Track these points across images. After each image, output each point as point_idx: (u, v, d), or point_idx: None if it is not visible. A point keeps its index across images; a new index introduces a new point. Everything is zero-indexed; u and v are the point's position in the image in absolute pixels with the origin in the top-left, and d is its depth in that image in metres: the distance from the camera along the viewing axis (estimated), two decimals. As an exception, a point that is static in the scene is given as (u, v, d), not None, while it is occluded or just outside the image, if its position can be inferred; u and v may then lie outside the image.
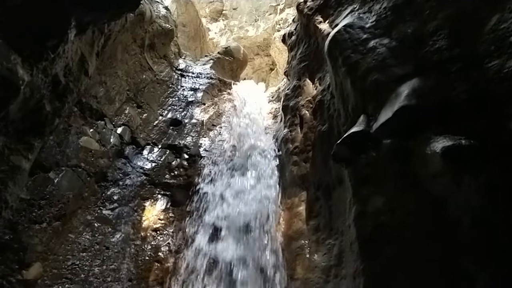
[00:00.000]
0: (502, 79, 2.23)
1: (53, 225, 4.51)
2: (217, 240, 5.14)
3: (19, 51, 2.86)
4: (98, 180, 5.39)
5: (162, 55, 7.85)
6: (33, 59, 2.96)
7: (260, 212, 5.12)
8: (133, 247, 5.12)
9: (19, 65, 2.85)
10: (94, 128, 5.52)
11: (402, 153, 2.72)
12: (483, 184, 2.15)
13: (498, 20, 2.32)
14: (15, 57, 2.84)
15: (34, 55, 2.96)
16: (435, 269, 2.36)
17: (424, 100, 2.62)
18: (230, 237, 5.08)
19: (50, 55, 3.15)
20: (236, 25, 15.89)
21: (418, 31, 2.98)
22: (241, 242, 4.98)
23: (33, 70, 2.96)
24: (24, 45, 2.89)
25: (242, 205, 5.40)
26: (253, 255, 4.77)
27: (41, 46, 3.07)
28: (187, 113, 7.23)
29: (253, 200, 5.38)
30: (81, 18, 3.47)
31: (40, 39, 3.04)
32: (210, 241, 5.17)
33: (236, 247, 4.94)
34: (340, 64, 3.62)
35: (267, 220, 5.03)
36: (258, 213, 5.13)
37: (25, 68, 2.87)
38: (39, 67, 3.04)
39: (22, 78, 2.87)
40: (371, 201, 2.92)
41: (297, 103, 5.51)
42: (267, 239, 4.86)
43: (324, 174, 4.28)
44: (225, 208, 5.46)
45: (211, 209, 5.55)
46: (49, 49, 3.12)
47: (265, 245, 4.82)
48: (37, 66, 3.01)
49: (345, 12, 4.10)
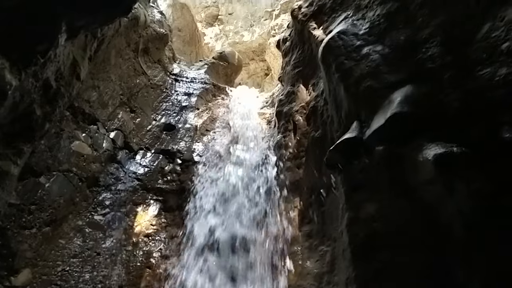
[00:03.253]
0: (494, 86, 2.23)
1: (43, 231, 4.45)
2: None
3: (7, 55, 2.83)
4: (90, 185, 5.33)
5: (156, 60, 7.83)
6: (22, 63, 2.92)
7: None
8: (125, 253, 5.06)
9: (6, 69, 2.81)
10: (87, 132, 5.47)
11: (394, 160, 2.72)
12: (475, 191, 2.14)
13: (490, 29, 2.33)
14: (2, 62, 2.81)
15: (23, 60, 2.93)
16: (426, 276, 2.36)
17: (416, 107, 2.63)
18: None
19: (40, 59, 3.11)
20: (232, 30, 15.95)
21: (411, 38, 3.00)
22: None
23: (21, 75, 2.92)
24: (12, 49, 2.86)
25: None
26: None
27: (31, 50, 3.03)
28: (180, 118, 7.21)
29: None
30: (72, 22, 3.43)
31: (30, 43, 3.01)
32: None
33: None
34: (334, 70, 3.62)
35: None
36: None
37: (13, 73, 2.83)
38: (28, 71, 3.01)
39: (10, 83, 2.84)
40: (364, 208, 2.92)
41: (291, 109, 5.51)
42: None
43: (317, 180, 4.27)
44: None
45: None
46: (39, 53, 3.08)
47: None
48: (26, 70, 2.97)
49: (339, 19, 4.11)
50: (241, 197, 5.54)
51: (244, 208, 5.36)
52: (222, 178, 5.99)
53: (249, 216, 5.23)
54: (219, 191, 5.74)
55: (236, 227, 5.18)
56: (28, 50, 3.01)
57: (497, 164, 2.14)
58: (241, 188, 5.70)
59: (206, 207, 5.57)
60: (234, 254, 4.92)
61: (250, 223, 5.15)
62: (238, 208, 5.40)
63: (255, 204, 5.34)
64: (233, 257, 4.88)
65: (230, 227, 5.21)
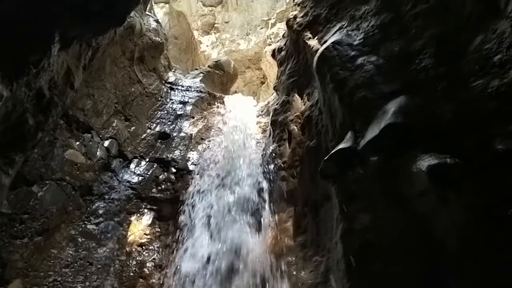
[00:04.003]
0: (487, 98, 2.25)
1: (35, 240, 4.40)
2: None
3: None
4: (83, 194, 5.30)
5: (152, 68, 7.83)
6: (14, 74, 2.90)
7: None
8: (118, 262, 5.01)
9: (-3, 80, 2.78)
10: (81, 141, 5.45)
11: (388, 170, 2.71)
12: (468, 203, 2.14)
13: (482, 41, 2.34)
14: (-6, 72, 2.78)
15: (15, 70, 2.91)
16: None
17: (410, 118, 2.63)
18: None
19: (32, 70, 3.09)
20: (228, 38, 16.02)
21: (405, 49, 3.02)
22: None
23: (13, 85, 2.90)
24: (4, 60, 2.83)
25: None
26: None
27: (23, 61, 3.02)
28: (175, 127, 7.20)
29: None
30: (66, 32, 3.43)
31: (22, 54, 3.00)
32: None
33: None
34: (328, 80, 3.63)
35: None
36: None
37: (4, 83, 2.81)
38: (20, 82, 2.99)
39: (1, 94, 2.83)
40: (358, 219, 2.90)
41: (286, 118, 5.50)
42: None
43: (312, 190, 4.25)
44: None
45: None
46: (31, 63, 3.07)
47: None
48: (18, 81, 2.96)
49: (334, 29, 4.13)
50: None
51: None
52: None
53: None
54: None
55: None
56: (20, 61, 2.99)
57: (490, 176, 2.14)
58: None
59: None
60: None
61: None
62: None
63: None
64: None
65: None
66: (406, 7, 3.11)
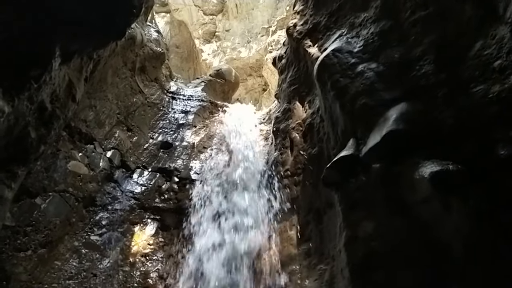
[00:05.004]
0: (488, 104, 2.24)
1: (38, 253, 4.40)
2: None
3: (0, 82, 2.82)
4: (87, 205, 5.30)
5: (153, 78, 7.86)
6: (15, 89, 2.92)
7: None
8: (121, 273, 4.99)
9: (-1, 96, 2.81)
10: (83, 152, 5.46)
11: (391, 177, 2.71)
12: (472, 209, 2.13)
13: (482, 46, 2.34)
14: (-5, 89, 2.80)
15: (16, 86, 2.92)
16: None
17: (411, 125, 2.63)
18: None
19: (34, 84, 3.11)
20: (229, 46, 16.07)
21: (405, 56, 3.02)
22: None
23: (14, 101, 2.92)
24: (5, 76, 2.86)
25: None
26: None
27: (24, 76, 3.03)
28: (178, 136, 7.20)
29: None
30: (66, 47, 3.46)
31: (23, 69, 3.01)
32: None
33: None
34: (329, 88, 3.64)
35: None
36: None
37: (5, 99, 2.82)
38: (21, 97, 3.01)
39: (2, 110, 2.85)
40: (362, 226, 2.89)
41: (288, 126, 5.51)
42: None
43: (315, 198, 4.24)
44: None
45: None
46: (32, 78, 3.09)
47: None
48: (19, 96, 2.97)
49: (334, 37, 4.14)
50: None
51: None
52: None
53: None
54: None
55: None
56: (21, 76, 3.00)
57: (493, 181, 2.13)
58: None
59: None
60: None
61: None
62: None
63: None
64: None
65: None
66: (405, 14, 3.11)
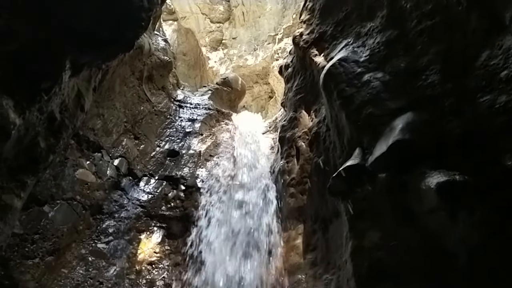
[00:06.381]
0: (495, 114, 2.23)
1: (46, 260, 4.42)
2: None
3: (11, 95, 2.87)
4: (94, 213, 5.32)
5: (161, 87, 7.92)
6: (26, 102, 2.98)
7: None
8: (128, 281, 5.00)
9: (10, 109, 2.86)
10: (91, 160, 5.50)
11: (397, 187, 2.70)
12: (478, 220, 2.12)
13: (488, 56, 2.34)
14: (7, 102, 2.85)
15: (27, 98, 2.98)
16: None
17: (418, 135, 2.62)
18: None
19: (44, 97, 3.16)
20: (236, 54, 16.14)
21: (411, 65, 3.02)
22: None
23: (25, 113, 2.97)
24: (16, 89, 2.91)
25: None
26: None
27: (35, 88, 3.09)
28: (184, 144, 7.23)
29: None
30: (76, 60, 3.51)
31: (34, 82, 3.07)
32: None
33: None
34: (335, 97, 3.64)
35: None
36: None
37: (17, 112, 2.87)
38: (32, 109, 3.06)
39: (14, 122, 2.89)
40: (368, 236, 2.88)
41: (294, 134, 5.52)
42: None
43: (321, 207, 4.23)
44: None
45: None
46: (42, 91, 3.15)
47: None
48: (30, 109, 3.03)
49: (340, 46, 4.15)
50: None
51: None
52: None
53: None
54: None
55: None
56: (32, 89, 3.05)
57: (500, 192, 2.12)
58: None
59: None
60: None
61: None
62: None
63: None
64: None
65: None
66: (411, 24, 3.11)
